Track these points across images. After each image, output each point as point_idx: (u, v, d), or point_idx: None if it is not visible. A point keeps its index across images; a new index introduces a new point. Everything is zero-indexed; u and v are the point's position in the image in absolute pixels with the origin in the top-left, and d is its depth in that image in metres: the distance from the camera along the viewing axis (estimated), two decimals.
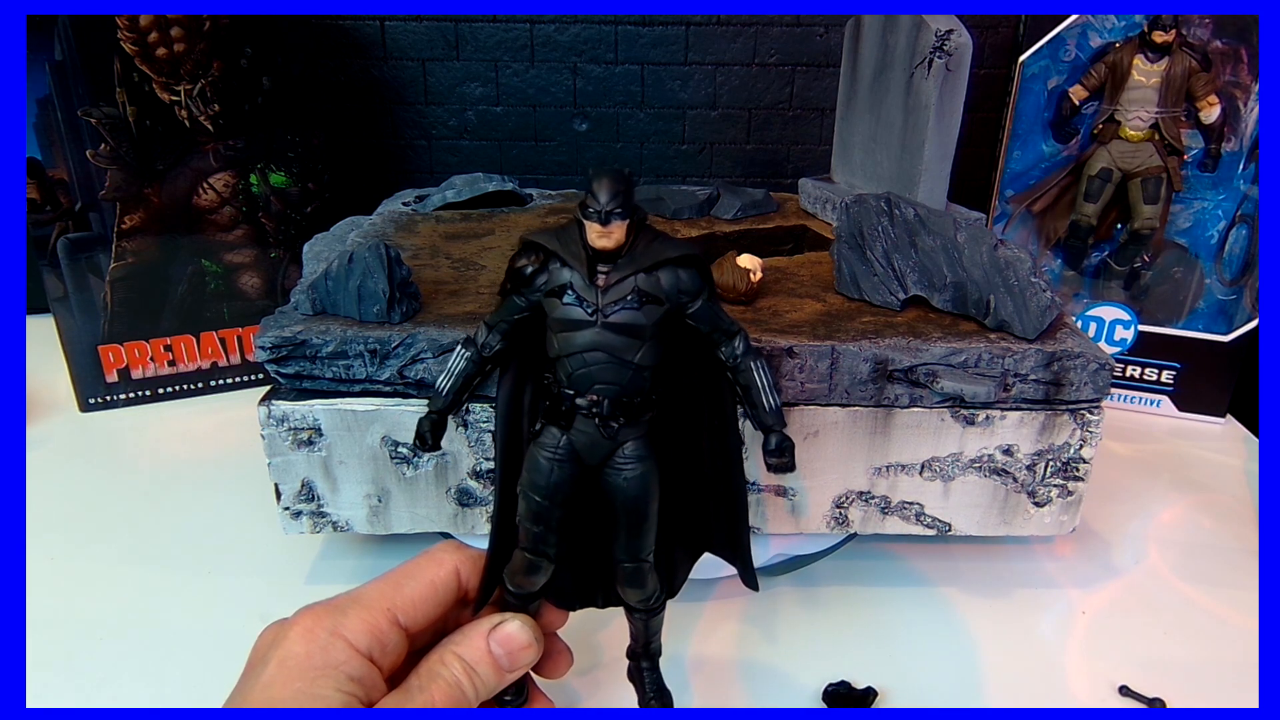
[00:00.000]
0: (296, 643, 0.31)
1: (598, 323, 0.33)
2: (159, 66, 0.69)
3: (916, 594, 0.55)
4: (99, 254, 0.72)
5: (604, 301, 0.33)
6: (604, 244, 0.33)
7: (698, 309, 0.35)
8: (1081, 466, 0.52)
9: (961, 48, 0.58)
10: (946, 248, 0.52)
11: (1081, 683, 0.48)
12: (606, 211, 0.32)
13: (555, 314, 0.34)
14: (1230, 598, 0.55)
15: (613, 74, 0.92)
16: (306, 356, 0.49)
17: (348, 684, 0.31)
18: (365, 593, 0.34)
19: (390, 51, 0.91)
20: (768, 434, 0.36)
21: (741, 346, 0.36)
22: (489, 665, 0.34)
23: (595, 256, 0.33)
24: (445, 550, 0.37)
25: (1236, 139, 0.69)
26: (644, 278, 0.33)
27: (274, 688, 0.30)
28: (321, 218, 0.77)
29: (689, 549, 0.41)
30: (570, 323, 0.33)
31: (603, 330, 0.33)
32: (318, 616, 0.32)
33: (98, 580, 0.55)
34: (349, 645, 0.32)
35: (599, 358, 0.33)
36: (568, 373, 0.34)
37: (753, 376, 0.36)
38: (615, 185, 0.32)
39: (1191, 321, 0.75)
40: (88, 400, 0.75)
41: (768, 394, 0.36)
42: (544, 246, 0.34)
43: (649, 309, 0.33)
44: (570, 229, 0.34)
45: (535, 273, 0.34)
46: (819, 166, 0.94)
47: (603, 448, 0.35)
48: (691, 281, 0.34)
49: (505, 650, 0.34)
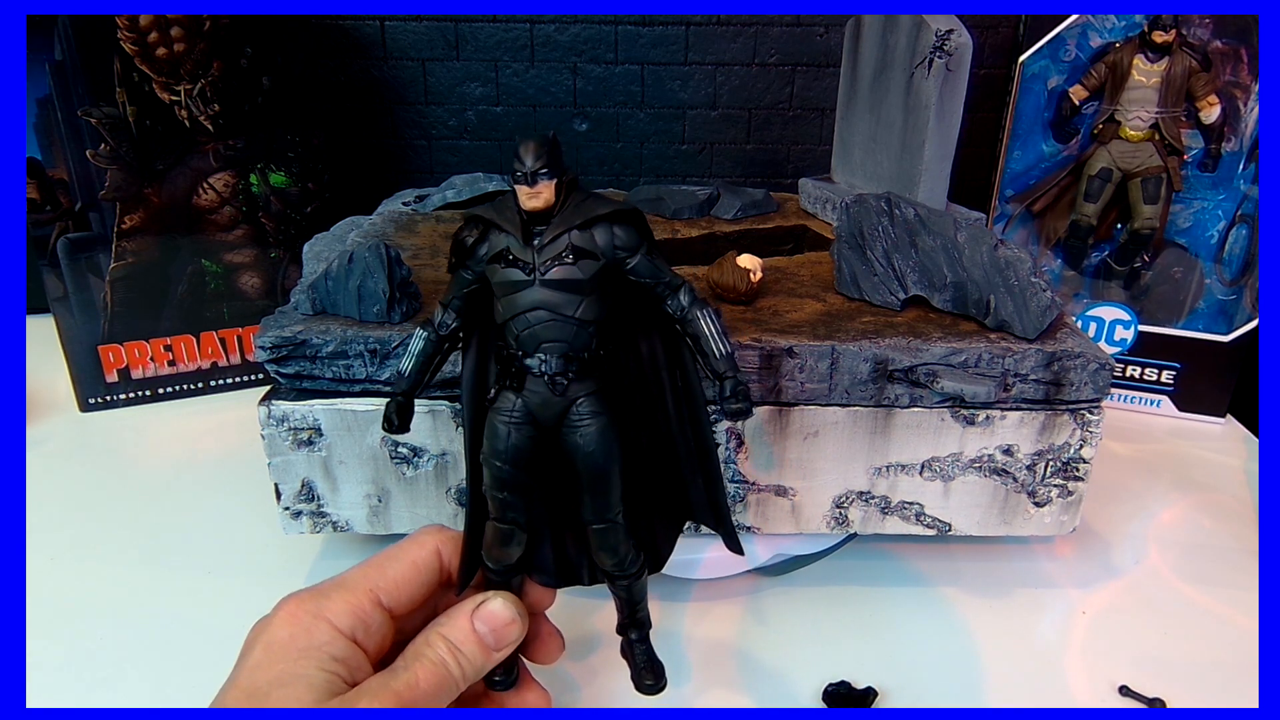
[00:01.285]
0: (281, 627, 0.32)
1: (535, 281, 0.34)
2: (159, 66, 0.69)
3: (916, 594, 0.55)
4: (99, 254, 0.72)
5: (540, 260, 0.34)
6: (534, 204, 0.33)
7: (637, 263, 0.35)
8: (1081, 466, 0.52)
9: (961, 48, 0.58)
10: (946, 248, 0.52)
11: (1081, 683, 0.48)
12: (532, 172, 0.33)
13: (496, 279, 0.34)
14: (1230, 598, 0.55)
15: (613, 74, 0.92)
16: (306, 356, 0.49)
17: (331, 664, 0.31)
18: (348, 576, 0.35)
19: (390, 51, 0.91)
20: (722, 381, 0.36)
21: (687, 298, 0.36)
22: (474, 644, 0.34)
23: (530, 220, 0.34)
24: (427, 532, 0.37)
25: (1236, 139, 0.69)
26: (578, 234, 0.34)
27: (259, 671, 0.31)
28: (321, 218, 0.77)
29: (670, 520, 0.40)
30: (511, 284, 0.34)
31: (541, 288, 0.34)
32: (301, 601, 0.33)
33: (98, 580, 0.55)
34: (331, 626, 0.32)
35: (541, 316, 0.34)
36: (515, 335, 0.35)
37: (700, 325, 0.36)
38: (540, 147, 0.33)
39: (1191, 321, 0.75)
40: (88, 400, 0.75)
41: (717, 340, 0.36)
42: (482, 217, 0.35)
43: (584, 264, 0.34)
44: (507, 198, 0.35)
45: (476, 243, 0.35)
46: (819, 166, 0.94)
47: (555, 406, 0.35)
48: (628, 236, 0.35)
49: (489, 628, 0.35)
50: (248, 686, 0.30)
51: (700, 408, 0.38)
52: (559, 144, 0.34)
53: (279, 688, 0.30)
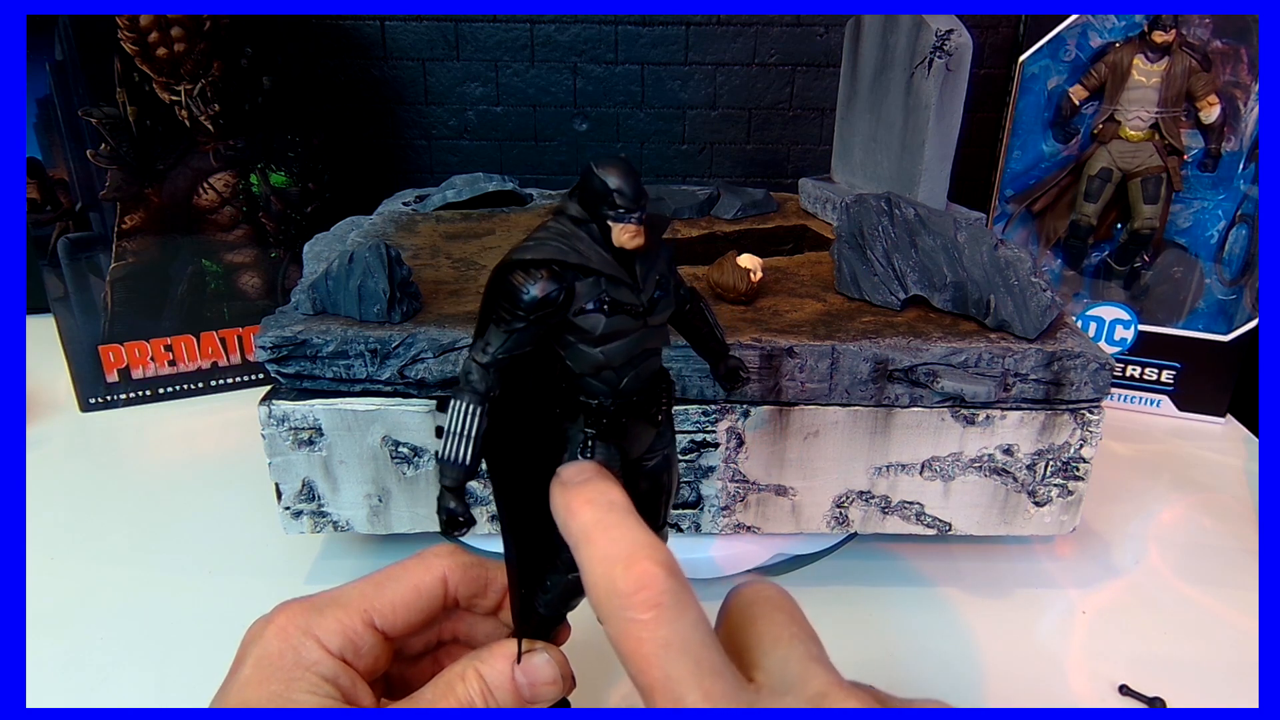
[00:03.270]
0: (272, 640, 0.32)
1: (644, 324, 0.30)
2: (159, 66, 0.69)
3: (916, 594, 0.55)
4: (99, 254, 0.72)
5: (646, 301, 0.30)
6: (636, 243, 0.29)
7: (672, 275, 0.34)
8: (1081, 466, 0.52)
9: (961, 48, 0.58)
10: (946, 248, 0.52)
11: (1081, 683, 0.48)
12: (637, 211, 0.29)
13: (595, 329, 0.29)
14: (1230, 598, 0.55)
15: (613, 74, 0.92)
16: (307, 356, 0.49)
17: (321, 685, 0.31)
18: (346, 592, 0.34)
19: (390, 51, 0.91)
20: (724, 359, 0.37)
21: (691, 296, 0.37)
22: (508, 691, 0.33)
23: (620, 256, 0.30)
24: (437, 554, 0.36)
25: (1236, 139, 0.69)
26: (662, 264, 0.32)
27: (249, 688, 0.31)
28: (321, 218, 0.77)
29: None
30: (616, 333, 0.30)
31: (649, 331, 0.31)
32: (293, 615, 0.32)
33: (98, 580, 0.55)
34: (320, 646, 0.32)
35: (649, 358, 0.31)
36: (613, 384, 0.31)
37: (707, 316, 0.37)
38: (638, 177, 0.29)
39: (1191, 321, 0.75)
40: (88, 400, 0.75)
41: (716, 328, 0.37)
42: (563, 262, 0.29)
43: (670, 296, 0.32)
44: (574, 237, 0.29)
45: (566, 299, 0.29)
46: (819, 166, 0.94)
47: (648, 435, 0.33)
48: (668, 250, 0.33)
49: (529, 681, 0.33)
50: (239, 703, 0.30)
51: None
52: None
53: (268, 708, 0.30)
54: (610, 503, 0.28)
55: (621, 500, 0.28)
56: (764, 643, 0.28)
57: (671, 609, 0.25)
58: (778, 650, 0.28)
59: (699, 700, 0.24)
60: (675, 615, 0.25)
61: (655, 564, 0.26)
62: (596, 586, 0.26)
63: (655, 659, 0.25)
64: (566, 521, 0.28)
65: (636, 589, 0.25)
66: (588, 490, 0.28)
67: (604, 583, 0.26)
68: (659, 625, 0.25)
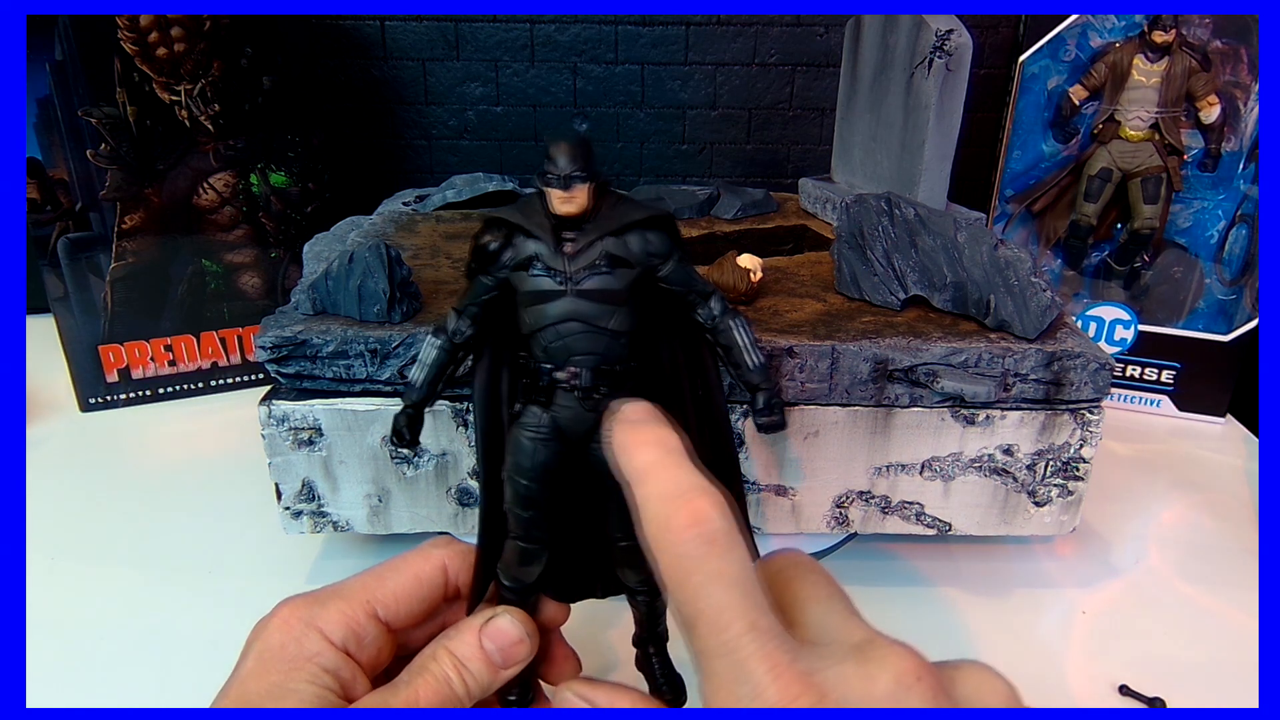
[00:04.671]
0: (274, 634, 0.32)
1: (569, 291, 0.32)
2: (159, 66, 0.69)
3: (916, 594, 0.55)
4: (99, 254, 0.72)
5: (573, 269, 0.32)
6: (568, 209, 0.32)
7: (669, 271, 0.34)
8: (1081, 466, 0.52)
9: (961, 48, 0.58)
10: (946, 248, 0.52)
11: (1081, 683, 0.48)
12: (567, 175, 0.31)
13: (524, 288, 0.33)
14: (1230, 598, 0.55)
15: (613, 74, 0.92)
16: (307, 356, 0.49)
17: (321, 676, 0.31)
18: (347, 585, 0.34)
19: (390, 51, 0.91)
20: (755, 393, 0.35)
21: (718, 307, 0.35)
22: (481, 661, 0.33)
23: (560, 224, 0.32)
24: (436, 545, 0.36)
25: (1236, 139, 0.69)
26: (612, 241, 0.32)
27: (250, 680, 0.31)
28: (321, 218, 0.77)
29: None
30: (541, 294, 0.32)
31: (575, 298, 0.32)
32: (295, 608, 0.33)
33: (98, 580, 0.55)
34: (323, 637, 0.32)
35: (574, 327, 0.32)
36: (543, 347, 0.33)
37: (733, 336, 0.35)
38: (575, 148, 0.31)
39: (1191, 321, 0.75)
40: (88, 400, 0.75)
41: (750, 352, 0.35)
42: (507, 221, 0.33)
43: (620, 273, 0.32)
44: (532, 200, 0.33)
45: (500, 249, 0.33)
46: (819, 166, 0.94)
47: (586, 421, 0.34)
48: (661, 243, 0.33)
49: (497, 645, 0.34)
50: (239, 697, 0.31)
51: (723, 419, 0.37)
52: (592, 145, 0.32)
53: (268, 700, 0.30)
54: (668, 446, 0.28)
55: (678, 444, 0.28)
56: (800, 600, 0.28)
57: (723, 545, 0.25)
58: (816, 607, 0.28)
59: (743, 630, 0.24)
60: (726, 550, 0.25)
61: (710, 503, 0.26)
62: (652, 522, 0.27)
63: (704, 589, 0.25)
64: (625, 460, 0.28)
65: (691, 524, 0.25)
66: (647, 431, 0.29)
67: (659, 519, 0.26)
68: (710, 558, 0.25)
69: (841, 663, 0.25)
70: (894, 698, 0.24)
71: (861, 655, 0.25)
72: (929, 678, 0.24)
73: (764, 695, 0.23)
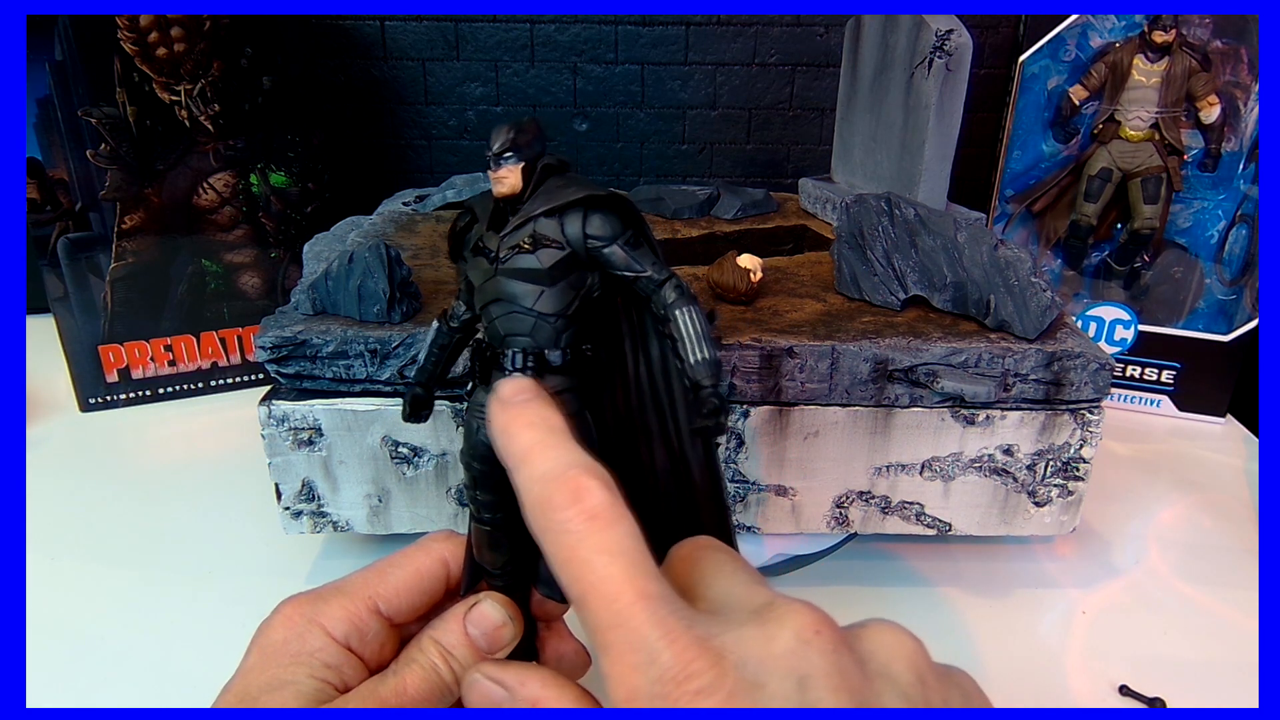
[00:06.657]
0: (276, 630, 0.32)
1: (496, 271, 0.32)
2: (159, 66, 0.69)
3: (916, 594, 0.55)
4: (99, 254, 0.72)
5: (502, 248, 0.32)
6: (500, 190, 0.32)
7: (611, 255, 0.32)
8: (1081, 466, 0.52)
9: (961, 48, 0.58)
10: (946, 248, 0.52)
11: (1081, 683, 0.48)
12: (496, 155, 0.31)
13: (468, 269, 0.33)
14: (1230, 598, 0.55)
15: (613, 74, 0.92)
16: (307, 356, 0.49)
17: (322, 670, 0.31)
18: (349, 581, 0.34)
19: (390, 51, 0.91)
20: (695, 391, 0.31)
21: (672, 295, 0.32)
22: (466, 648, 0.33)
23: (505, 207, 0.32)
24: (436, 539, 0.36)
25: (1236, 139, 0.69)
26: (544, 221, 0.32)
27: (251, 675, 0.31)
28: (321, 218, 0.77)
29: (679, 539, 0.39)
30: (479, 274, 0.32)
31: (501, 278, 0.32)
32: (298, 605, 0.33)
33: (98, 580, 0.55)
34: (325, 632, 0.32)
35: (503, 308, 0.32)
36: (485, 327, 0.33)
37: (679, 326, 0.31)
38: (507, 129, 0.31)
39: (1191, 321, 0.75)
40: (88, 400, 0.75)
41: (695, 345, 0.31)
42: (466, 205, 0.34)
43: (545, 252, 0.31)
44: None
45: (462, 232, 0.34)
46: (819, 166, 0.94)
47: None
48: (604, 226, 0.32)
49: (481, 630, 0.33)
50: (240, 690, 0.31)
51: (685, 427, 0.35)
52: (537, 126, 0.32)
53: (268, 693, 0.30)
54: (550, 425, 0.28)
55: (561, 424, 0.28)
56: (706, 577, 0.27)
57: (606, 518, 0.25)
58: (721, 580, 0.27)
59: (633, 599, 0.24)
60: (610, 524, 0.25)
61: (591, 479, 0.25)
62: (534, 505, 0.26)
63: (589, 564, 0.24)
64: (504, 443, 0.28)
65: (571, 501, 0.25)
66: (528, 413, 0.28)
67: (541, 500, 0.26)
68: (593, 533, 0.25)
69: (741, 626, 0.24)
70: (794, 654, 0.23)
71: (761, 617, 0.24)
72: (828, 630, 0.24)
73: (659, 660, 0.23)
